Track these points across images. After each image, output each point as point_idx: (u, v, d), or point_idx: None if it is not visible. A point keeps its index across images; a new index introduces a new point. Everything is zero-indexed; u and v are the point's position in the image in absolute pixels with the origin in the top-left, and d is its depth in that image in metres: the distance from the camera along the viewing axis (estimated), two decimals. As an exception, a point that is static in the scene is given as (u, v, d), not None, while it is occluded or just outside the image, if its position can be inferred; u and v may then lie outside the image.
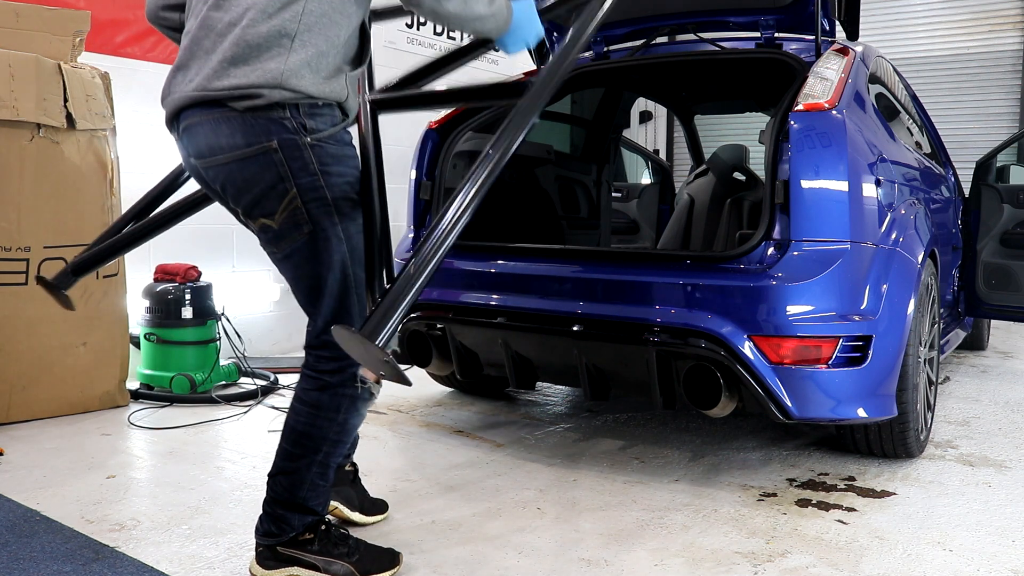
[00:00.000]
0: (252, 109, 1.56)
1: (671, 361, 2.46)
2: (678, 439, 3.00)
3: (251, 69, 1.54)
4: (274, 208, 1.63)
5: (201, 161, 1.65)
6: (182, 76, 1.63)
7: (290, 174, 1.61)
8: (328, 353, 1.73)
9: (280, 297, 4.62)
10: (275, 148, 1.58)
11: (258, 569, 1.81)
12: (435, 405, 3.47)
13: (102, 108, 3.22)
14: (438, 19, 1.67)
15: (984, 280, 3.89)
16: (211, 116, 1.59)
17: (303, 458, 1.77)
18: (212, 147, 1.61)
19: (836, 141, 2.40)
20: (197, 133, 1.62)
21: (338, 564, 1.80)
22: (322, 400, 1.75)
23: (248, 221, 1.70)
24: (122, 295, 3.35)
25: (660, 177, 5.07)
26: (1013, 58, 6.80)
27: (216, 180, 1.67)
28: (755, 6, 2.97)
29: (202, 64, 1.59)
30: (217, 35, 1.57)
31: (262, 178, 1.61)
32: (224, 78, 1.55)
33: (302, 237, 1.66)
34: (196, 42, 1.60)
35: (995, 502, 2.40)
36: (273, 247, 1.71)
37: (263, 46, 1.54)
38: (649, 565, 1.95)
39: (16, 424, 3.06)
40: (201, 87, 1.58)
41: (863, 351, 2.38)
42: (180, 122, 1.66)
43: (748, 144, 4.02)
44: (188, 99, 1.60)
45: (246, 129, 1.58)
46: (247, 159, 1.59)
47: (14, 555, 1.94)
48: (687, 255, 2.59)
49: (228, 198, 1.70)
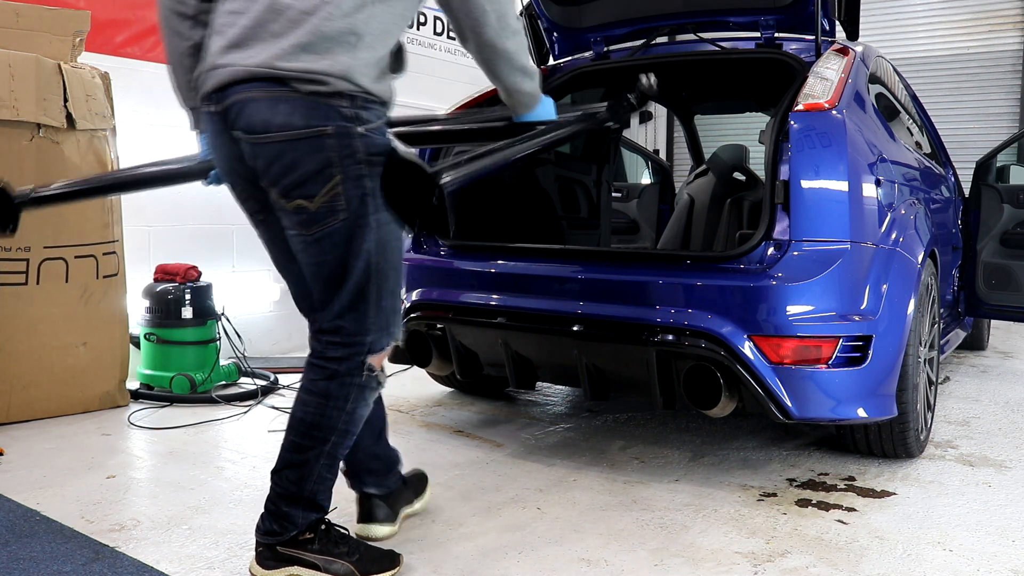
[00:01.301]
0: (315, 93, 1.62)
1: (671, 361, 2.46)
2: (678, 439, 3.00)
3: (321, 57, 1.60)
4: (316, 191, 1.66)
5: (250, 135, 1.66)
6: (238, 52, 1.65)
7: (339, 160, 1.65)
8: (339, 339, 1.76)
9: (280, 297, 4.62)
10: (329, 133, 1.63)
11: (258, 569, 1.81)
12: (435, 405, 3.47)
13: (102, 108, 3.22)
14: (492, 53, 1.78)
15: (984, 280, 3.89)
16: (271, 93, 1.62)
17: (312, 449, 1.77)
18: (267, 123, 1.63)
19: (836, 141, 2.40)
20: (251, 107, 1.64)
21: (339, 564, 1.80)
22: (331, 389, 1.76)
23: (281, 201, 1.70)
24: (122, 295, 3.35)
25: (660, 177, 5.07)
26: (1013, 58, 6.80)
27: (259, 156, 1.68)
28: (755, 6, 2.97)
29: (268, 45, 1.62)
30: (289, 21, 1.61)
31: (311, 160, 1.64)
32: (294, 60, 1.60)
33: (336, 222, 1.68)
34: (260, 24, 1.63)
35: (995, 502, 2.40)
36: (303, 229, 1.71)
37: (336, 39, 1.61)
38: (649, 565, 1.95)
39: (16, 424, 3.07)
40: (267, 64, 1.61)
41: (863, 351, 2.38)
42: (228, 95, 1.67)
43: (748, 144, 4.02)
44: (248, 73, 1.63)
45: (305, 111, 1.62)
46: (300, 140, 1.63)
47: (14, 555, 1.94)
48: (687, 255, 2.59)
49: (264, 174, 1.70)
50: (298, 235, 1.73)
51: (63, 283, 3.14)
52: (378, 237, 1.72)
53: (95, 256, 3.22)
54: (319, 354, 1.79)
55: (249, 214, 1.87)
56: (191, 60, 1.81)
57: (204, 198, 4.24)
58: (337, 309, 1.75)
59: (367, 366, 1.78)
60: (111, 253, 3.28)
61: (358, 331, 1.76)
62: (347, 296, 1.74)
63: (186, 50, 1.81)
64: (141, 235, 3.96)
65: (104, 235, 3.25)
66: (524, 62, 1.84)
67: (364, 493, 2.07)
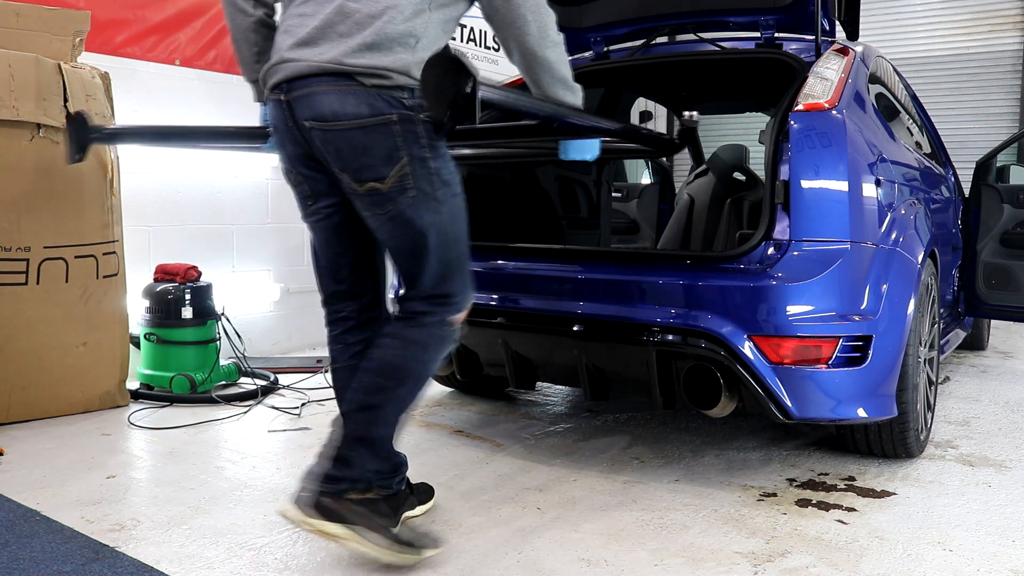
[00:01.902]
0: (378, 86, 1.79)
1: (671, 361, 2.46)
2: (678, 439, 3.00)
3: (384, 55, 1.78)
4: (385, 173, 1.82)
5: (321, 123, 1.82)
6: (307, 49, 1.82)
7: (405, 143, 1.82)
8: (437, 301, 1.94)
9: (280, 297, 4.62)
10: (395, 120, 1.80)
11: (297, 514, 1.86)
12: (435, 405, 3.47)
13: (102, 108, 3.22)
14: (533, 62, 1.91)
15: (984, 280, 3.89)
16: (339, 87, 1.79)
17: (388, 391, 1.92)
18: (337, 113, 1.80)
19: (836, 141, 2.40)
20: (320, 99, 1.81)
21: (375, 535, 1.86)
22: (415, 335, 1.94)
23: (354, 185, 1.85)
24: (122, 295, 3.35)
25: (660, 177, 5.06)
26: (1013, 58, 6.80)
27: (330, 143, 1.83)
28: (755, 6, 2.97)
29: (336, 43, 1.80)
30: (355, 23, 1.79)
31: (380, 145, 1.81)
32: (360, 58, 1.78)
33: (407, 200, 1.84)
34: (329, 25, 1.81)
35: (995, 502, 2.40)
36: (378, 209, 1.86)
37: (397, 40, 1.79)
38: (649, 565, 1.95)
39: (16, 424, 3.06)
40: (336, 60, 1.78)
41: (863, 351, 2.38)
42: (297, 87, 1.83)
43: (748, 144, 4.02)
44: (318, 68, 1.80)
45: (372, 102, 1.79)
46: (369, 127, 1.80)
47: (14, 555, 1.94)
48: (687, 255, 2.59)
49: (336, 160, 1.85)
50: (373, 215, 1.89)
51: (63, 283, 3.14)
52: (447, 210, 1.90)
53: (95, 256, 3.22)
54: (410, 310, 1.95)
55: (301, 198, 2.02)
56: (255, 35, 2.02)
57: (204, 198, 4.25)
58: (428, 282, 1.93)
59: (450, 322, 1.97)
60: (111, 253, 3.28)
61: (448, 291, 1.95)
62: (433, 268, 1.91)
63: (249, 26, 2.01)
64: (141, 235, 3.96)
65: (104, 235, 3.25)
66: (565, 73, 1.94)
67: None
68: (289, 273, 4.69)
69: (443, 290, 1.94)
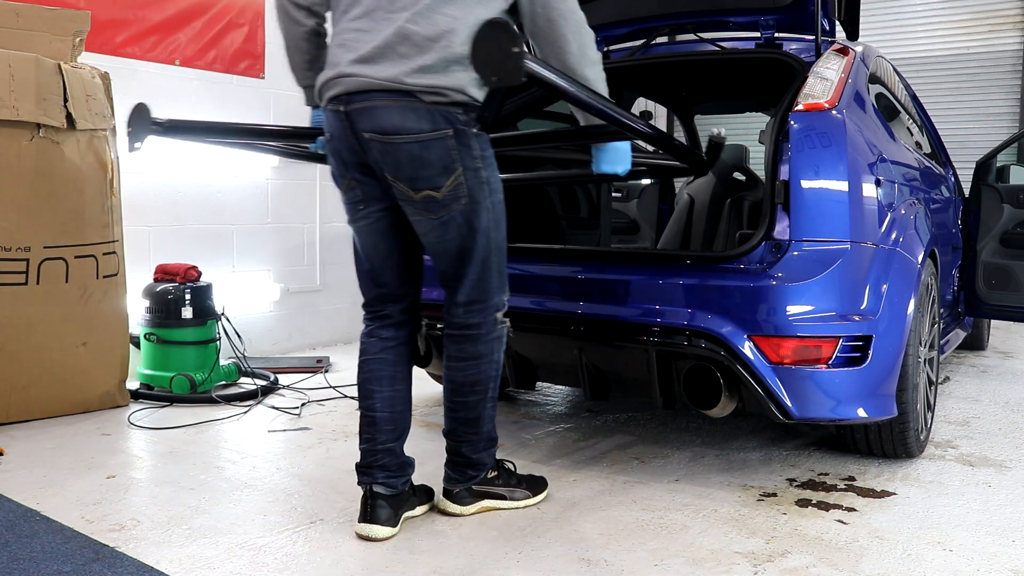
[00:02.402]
0: (436, 103, 1.93)
1: (671, 361, 2.46)
2: (678, 439, 3.00)
3: (442, 76, 1.92)
4: (441, 183, 1.98)
5: (381, 136, 1.96)
6: (368, 66, 1.95)
7: (459, 156, 1.97)
8: (478, 307, 2.12)
9: (280, 297, 4.63)
10: (451, 135, 1.96)
11: (455, 507, 2.21)
12: (435, 405, 3.47)
13: (102, 108, 3.22)
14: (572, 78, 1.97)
15: (984, 280, 3.89)
16: (399, 103, 1.93)
17: (480, 401, 2.17)
18: (397, 127, 1.94)
19: (836, 141, 2.40)
20: (381, 113, 1.95)
21: (518, 491, 2.29)
22: (480, 350, 2.15)
23: (410, 193, 2.00)
24: (122, 295, 3.35)
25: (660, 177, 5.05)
26: (1013, 58, 6.80)
27: (389, 153, 1.97)
28: (755, 6, 2.97)
29: (396, 63, 1.93)
30: (414, 45, 1.92)
31: (437, 157, 1.96)
32: (420, 78, 1.91)
33: (460, 207, 2.01)
34: (389, 46, 1.94)
35: (995, 502, 2.40)
36: (431, 214, 2.02)
37: (454, 61, 1.93)
38: (649, 565, 1.95)
39: (16, 424, 3.06)
40: (396, 79, 1.92)
41: (863, 351, 2.38)
42: (356, 101, 1.97)
43: (748, 144, 4.02)
44: (379, 85, 1.93)
45: (431, 117, 1.94)
46: (427, 141, 1.95)
47: (14, 555, 1.94)
48: (687, 255, 2.59)
49: (393, 170, 1.98)
50: (425, 220, 2.04)
51: (63, 283, 3.14)
52: (493, 216, 2.08)
53: (95, 256, 3.22)
54: (461, 324, 2.14)
55: (352, 202, 2.14)
56: (307, 44, 2.18)
57: (204, 198, 4.25)
58: (469, 284, 2.10)
59: (498, 320, 2.16)
60: (111, 253, 3.28)
61: (487, 297, 2.13)
62: (476, 269, 2.08)
63: (302, 35, 2.18)
64: (141, 235, 3.96)
65: (104, 235, 3.25)
66: (602, 91, 2.07)
67: (371, 490, 2.12)
68: (289, 273, 4.69)
69: (482, 295, 2.12)
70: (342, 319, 5.02)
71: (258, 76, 4.45)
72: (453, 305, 2.14)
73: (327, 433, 3.03)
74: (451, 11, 1.93)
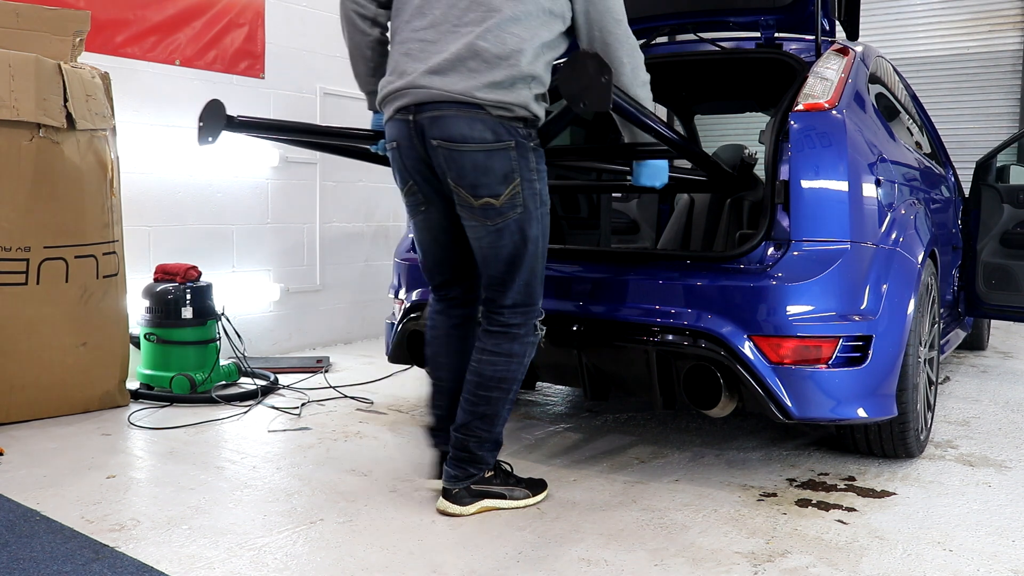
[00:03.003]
0: (502, 117, 2.07)
1: (671, 361, 2.46)
2: (678, 439, 3.00)
3: (509, 92, 2.06)
4: (500, 191, 2.11)
5: (449, 144, 2.08)
6: (439, 78, 2.07)
7: (519, 167, 2.11)
8: (521, 310, 2.24)
9: (280, 297, 4.63)
10: (513, 147, 2.09)
11: (455, 507, 2.24)
12: (435, 405, 3.47)
13: (102, 108, 3.22)
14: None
15: (984, 280, 3.89)
16: (468, 114, 2.06)
17: (500, 399, 2.25)
18: (465, 136, 2.07)
19: (836, 141, 2.40)
20: (450, 122, 2.07)
21: (517, 491, 2.32)
22: (515, 349, 2.24)
23: (470, 199, 2.12)
24: (122, 295, 3.35)
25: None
26: (1013, 58, 6.80)
27: (455, 160, 2.09)
28: (755, 6, 2.97)
29: (466, 77, 2.06)
30: (484, 61, 2.05)
31: (499, 166, 2.09)
32: (489, 93, 2.05)
33: (515, 215, 2.14)
34: (460, 60, 2.06)
35: (995, 502, 2.40)
36: (487, 220, 2.14)
37: (520, 80, 2.07)
38: (649, 565, 1.95)
39: (16, 424, 3.06)
40: (466, 92, 2.05)
41: (863, 351, 2.38)
42: (426, 110, 2.09)
43: (748, 144, 4.02)
44: (450, 97, 2.06)
45: (496, 129, 2.07)
46: (491, 151, 2.08)
47: (14, 555, 1.94)
48: (687, 255, 2.59)
49: (457, 176, 2.11)
50: (480, 225, 2.16)
51: (63, 283, 3.14)
52: (542, 227, 2.20)
53: (95, 256, 3.22)
54: (502, 323, 2.24)
55: (412, 205, 2.30)
56: (371, 52, 2.31)
57: (204, 198, 4.25)
58: (516, 288, 2.21)
59: (536, 326, 2.28)
60: (111, 253, 3.28)
61: (532, 301, 2.25)
62: (524, 276, 2.20)
63: (367, 44, 2.31)
64: (141, 235, 3.96)
65: (104, 235, 3.25)
66: (651, 109, 2.18)
67: (444, 451, 2.37)
68: (289, 273, 4.69)
69: (527, 299, 2.24)
70: (342, 319, 5.02)
71: (258, 76, 4.45)
72: (498, 306, 2.24)
73: (327, 433, 3.03)
74: (518, 31, 2.06)
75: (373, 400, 3.54)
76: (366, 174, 5.07)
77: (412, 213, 2.33)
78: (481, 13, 2.06)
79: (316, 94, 4.74)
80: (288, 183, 4.65)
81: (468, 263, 2.36)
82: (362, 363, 4.38)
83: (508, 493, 2.30)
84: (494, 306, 2.25)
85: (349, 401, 3.51)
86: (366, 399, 3.55)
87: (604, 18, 2.13)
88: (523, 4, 2.06)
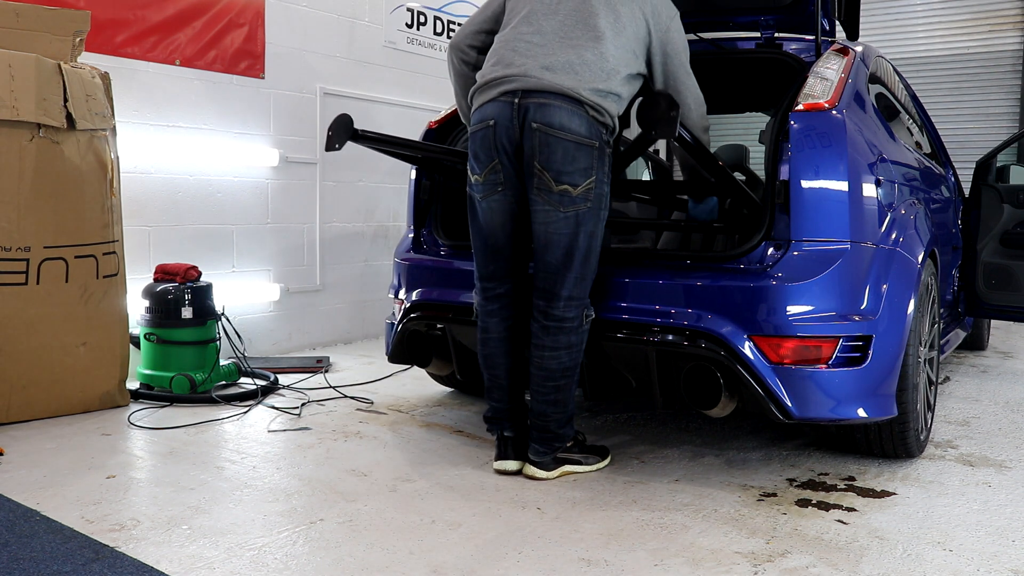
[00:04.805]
0: (595, 118, 2.36)
1: (671, 361, 2.46)
2: (678, 439, 3.00)
3: (604, 99, 2.37)
4: (579, 182, 2.35)
5: (548, 128, 2.33)
6: (552, 73, 2.36)
7: (598, 164, 2.38)
8: (575, 303, 2.44)
9: (280, 297, 4.63)
10: (598, 145, 2.38)
11: (541, 472, 2.51)
12: (435, 405, 3.47)
13: (102, 108, 3.22)
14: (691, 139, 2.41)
15: (984, 280, 3.89)
16: (570, 106, 2.34)
17: (567, 385, 2.48)
18: (564, 125, 2.33)
19: (836, 141, 2.40)
20: (554, 110, 2.33)
21: (591, 457, 2.61)
22: (572, 340, 2.45)
23: (552, 183, 2.35)
24: (122, 295, 3.35)
25: (660, 177, 5.06)
26: (1013, 58, 6.80)
27: (548, 144, 2.34)
28: (755, 6, 2.97)
29: (572, 77, 2.35)
30: (590, 70, 2.36)
31: (584, 159, 2.35)
32: (591, 95, 2.35)
33: (585, 207, 2.38)
34: (570, 65, 2.37)
35: (995, 502, 2.40)
36: (560, 207, 2.36)
37: (612, 94, 2.39)
38: (649, 565, 1.96)
39: (16, 424, 3.06)
40: (575, 89, 2.34)
41: (863, 351, 2.38)
42: (533, 96, 2.35)
43: (748, 144, 4.02)
44: (559, 88, 2.34)
45: (589, 126, 2.36)
46: (582, 144, 2.35)
47: (14, 555, 1.94)
48: (687, 255, 2.59)
49: (547, 160, 2.34)
50: (553, 210, 2.37)
51: (63, 283, 3.14)
52: (602, 226, 2.44)
53: (95, 256, 3.22)
54: (557, 316, 2.43)
55: (489, 184, 2.46)
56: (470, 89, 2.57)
57: (204, 198, 4.25)
58: (571, 278, 2.41)
59: (588, 317, 2.48)
60: (111, 253, 3.28)
61: (584, 293, 2.45)
62: (578, 266, 2.41)
63: (469, 82, 2.61)
64: (141, 235, 3.96)
65: (104, 235, 3.25)
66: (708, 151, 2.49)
67: (503, 435, 2.60)
68: (289, 273, 4.69)
69: (581, 292, 2.43)
70: (342, 319, 5.02)
71: (258, 76, 4.45)
72: (554, 298, 2.42)
73: (327, 433, 3.03)
74: (616, 54, 2.40)
75: (373, 400, 3.54)
76: (366, 174, 5.07)
77: (485, 193, 2.47)
78: (591, 35, 2.40)
79: (316, 94, 4.73)
80: (288, 183, 4.65)
81: (522, 257, 2.55)
82: (362, 363, 4.38)
83: (584, 459, 2.59)
84: (549, 299, 2.43)
85: (349, 401, 3.51)
86: (366, 399, 3.55)
87: (678, 71, 2.51)
88: (622, 39, 2.41)
